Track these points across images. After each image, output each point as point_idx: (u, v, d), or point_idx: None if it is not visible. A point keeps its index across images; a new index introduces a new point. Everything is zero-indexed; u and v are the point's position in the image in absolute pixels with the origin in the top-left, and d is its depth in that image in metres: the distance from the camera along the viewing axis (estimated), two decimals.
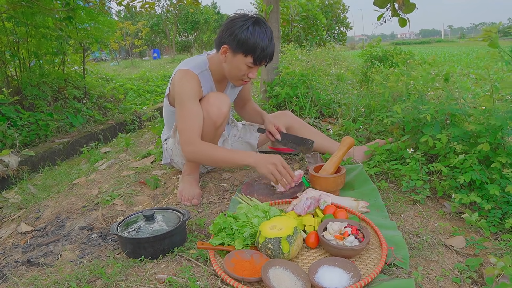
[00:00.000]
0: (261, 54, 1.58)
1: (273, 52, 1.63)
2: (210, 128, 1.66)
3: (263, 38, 1.56)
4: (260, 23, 1.58)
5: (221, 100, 1.65)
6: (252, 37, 1.55)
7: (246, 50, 1.57)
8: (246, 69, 1.63)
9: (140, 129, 4.67)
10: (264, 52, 1.58)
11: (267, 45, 1.58)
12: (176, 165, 2.01)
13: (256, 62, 1.60)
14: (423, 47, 21.39)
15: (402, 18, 2.47)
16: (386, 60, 4.52)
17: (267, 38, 1.57)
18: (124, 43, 15.81)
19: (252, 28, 1.55)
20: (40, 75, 4.07)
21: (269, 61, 1.65)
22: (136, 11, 3.91)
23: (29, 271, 1.34)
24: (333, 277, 1.10)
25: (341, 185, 1.69)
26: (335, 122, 2.71)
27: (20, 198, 2.11)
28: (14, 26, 3.81)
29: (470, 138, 1.64)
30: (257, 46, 1.56)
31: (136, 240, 1.30)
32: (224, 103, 1.65)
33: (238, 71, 1.64)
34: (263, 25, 1.59)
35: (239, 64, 1.61)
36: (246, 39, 1.55)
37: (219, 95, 1.67)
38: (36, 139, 3.64)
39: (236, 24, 1.56)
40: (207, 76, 1.75)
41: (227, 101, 1.66)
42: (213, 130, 1.67)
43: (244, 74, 1.65)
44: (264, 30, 1.58)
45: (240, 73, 1.64)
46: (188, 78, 1.66)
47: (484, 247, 1.30)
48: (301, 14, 7.76)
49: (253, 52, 1.57)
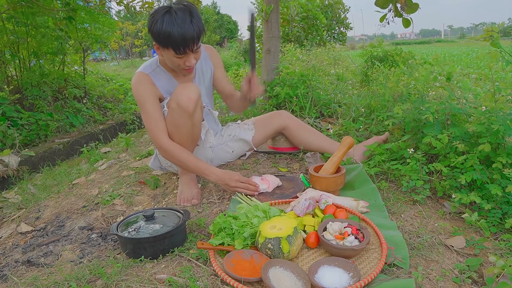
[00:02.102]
0: (177, 42, 1.51)
1: (193, 36, 1.52)
2: (184, 118, 1.62)
3: (173, 27, 1.48)
4: (171, 12, 1.50)
5: (189, 88, 1.62)
6: (162, 29, 1.49)
7: (164, 43, 1.54)
8: (177, 60, 1.59)
9: (140, 129, 4.67)
10: (178, 40, 1.50)
11: (179, 32, 1.48)
12: (171, 168, 2.00)
13: (177, 52, 1.54)
14: (423, 47, 21.39)
15: (405, 19, 2.46)
16: (387, 60, 4.52)
17: (177, 25, 1.48)
18: (124, 43, 15.82)
19: (161, 19, 1.49)
20: (40, 75, 4.07)
21: (194, 46, 1.55)
22: (135, 11, 3.91)
23: (29, 271, 1.34)
24: (333, 277, 1.10)
25: (341, 185, 1.69)
26: (335, 122, 2.71)
27: (20, 198, 2.11)
28: (14, 26, 3.81)
29: (470, 138, 1.64)
30: (169, 36, 1.49)
31: (136, 240, 1.30)
32: (192, 91, 1.61)
33: (172, 62, 1.62)
34: (173, 12, 1.49)
35: (169, 57, 1.60)
36: (158, 32, 1.50)
37: (185, 85, 1.66)
38: (36, 139, 3.64)
39: (150, 20, 1.54)
40: (160, 72, 1.76)
41: (194, 88, 1.63)
42: (187, 119, 1.63)
43: (179, 64, 1.62)
44: (174, 17, 1.48)
45: (175, 64, 1.62)
46: (139, 80, 1.70)
47: (484, 247, 1.30)
48: (301, 14, 7.75)
49: (170, 44, 1.52)
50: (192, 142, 1.75)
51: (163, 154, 1.71)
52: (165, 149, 1.67)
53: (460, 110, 1.68)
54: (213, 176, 1.69)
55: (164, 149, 1.67)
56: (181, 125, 1.65)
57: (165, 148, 1.66)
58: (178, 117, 1.62)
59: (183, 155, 1.67)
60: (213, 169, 1.71)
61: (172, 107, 1.62)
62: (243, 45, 11.40)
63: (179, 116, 1.62)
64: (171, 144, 1.67)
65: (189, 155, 1.69)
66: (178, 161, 1.69)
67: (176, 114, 1.62)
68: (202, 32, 1.56)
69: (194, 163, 1.69)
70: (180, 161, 1.68)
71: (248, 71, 1.71)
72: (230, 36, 29.48)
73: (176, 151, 1.66)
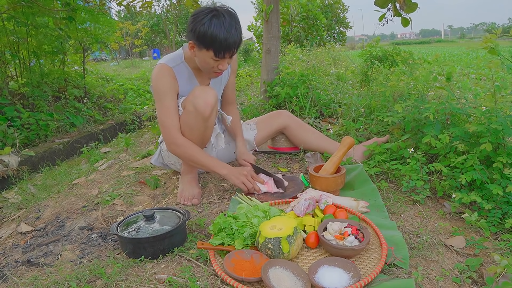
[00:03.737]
0: (220, 46, 1.54)
1: (236, 42, 1.57)
2: (199, 121, 1.64)
3: (220, 30, 1.51)
4: (218, 15, 1.53)
5: (207, 92, 1.64)
6: (209, 31, 1.50)
7: (206, 45, 1.55)
8: (213, 62, 1.61)
9: (140, 129, 4.67)
10: (223, 44, 1.53)
11: (225, 37, 1.52)
12: (174, 166, 2.00)
13: (218, 55, 1.57)
14: (423, 47, 21.39)
15: (404, 18, 2.46)
16: (386, 60, 4.51)
17: (224, 29, 1.51)
18: (124, 43, 15.81)
19: (209, 21, 1.51)
20: (40, 75, 4.08)
21: (234, 52, 1.60)
22: (135, 11, 3.91)
23: (29, 271, 1.34)
24: (333, 277, 1.10)
25: (341, 185, 1.69)
26: (335, 122, 2.71)
27: (20, 198, 2.11)
28: (14, 26, 3.81)
29: (470, 138, 1.64)
30: (215, 39, 1.51)
31: (136, 240, 1.30)
32: (210, 95, 1.63)
33: (206, 64, 1.63)
34: (221, 16, 1.53)
35: (205, 58, 1.60)
36: (204, 33, 1.51)
37: (204, 88, 1.67)
38: (36, 139, 3.64)
39: (195, 19, 1.55)
40: (184, 68, 1.76)
41: (213, 93, 1.65)
42: (202, 122, 1.65)
43: (213, 66, 1.63)
44: (222, 21, 1.52)
45: (209, 66, 1.63)
46: (162, 73, 1.69)
47: (484, 247, 1.30)
48: (301, 14, 7.75)
49: (213, 46, 1.54)
50: (202, 144, 1.77)
51: (174, 149, 1.70)
52: (178, 144, 1.67)
53: (460, 110, 1.68)
54: (224, 170, 1.71)
55: (177, 144, 1.67)
56: (194, 127, 1.66)
57: (179, 143, 1.67)
58: (193, 119, 1.64)
59: (195, 151, 1.68)
60: (223, 164, 1.74)
61: (188, 109, 1.64)
62: (243, 45, 11.43)
63: (194, 119, 1.64)
64: (184, 140, 1.68)
65: (200, 151, 1.71)
66: (189, 156, 1.69)
67: (191, 116, 1.64)
68: (242, 40, 1.61)
69: (205, 158, 1.70)
70: (192, 156, 1.69)
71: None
72: None
73: (189, 147, 1.68)
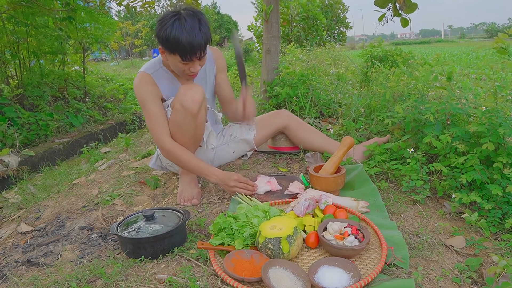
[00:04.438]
0: (185, 50, 1.51)
1: (201, 45, 1.52)
2: (188, 119, 1.63)
3: (182, 34, 1.48)
4: (180, 18, 1.50)
5: (193, 89, 1.63)
6: (171, 35, 1.48)
7: (171, 49, 1.54)
8: (182, 66, 1.59)
9: (140, 129, 4.67)
10: (187, 48, 1.50)
11: (188, 40, 1.48)
12: (172, 168, 2.00)
13: (184, 59, 1.55)
14: (423, 47, 21.38)
15: (404, 18, 2.46)
16: (387, 60, 4.51)
17: (186, 33, 1.48)
18: (124, 43, 15.82)
19: (171, 26, 1.49)
20: (40, 75, 4.08)
21: (201, 54, 1.56)
22: (136, 12, 3.91)
23: (29, 271, 1.34)
24: (333, 277, 1.10)
25: (341, 185, 1.69)
26: (335, 122, 2.71)
27: (20, 198, 2.11)
28: (14, 26, 3.81)
29: (471, 138, 1.64)
30: (178, 43, 1.49)
31: (136, 240, 1.30)
32: (197, 92, 1.62)
33: (177, 68, 1.63)
34: (183, 19, 1.50)
35: (174, 62, 1.60)
36: (167, 38, 1.50)
37: (190, 86, 1.66)
38: (36, 139, 3.64)
39: (159, 24, 1.54)
40: (163, 73, 1.76)
41: (199, 90, 1.63)
42: (191, 120, 1.63)
43: (183, 70, 1.62)
44: (184, 25, 1.48)
45: (180, 69, 1.63)
46: (142, 80, 1.70)
47: (484, 247, 1.30)
48: (301, 14, 7.75)
49: (177, 50, 1.52)
50: (195, 143, 1.76)
51: (165, 154, 1.71)
52: (167, 149, 1.67)
53: (461, 110, 1.68)
54: (214, 177, 1.70)
55: (166, 150, 1.68)
56: (184, 125, 1.65)
57: (167, 149, 1.67)
58: (182, 117, 1.62)
59: (184, 156, 1.68)
60: (213, 170, 1.71)
61: (176, 108, 1.62)
62: (243, 45, 11.43)
63: (183, 117, 1.62)
64: (173, 144, 1.67)
65: (190, 156, 1.69)
66: (179, 162, 1.70)
67: (180, 115, 1.62)
68: (209, 40, 1.57)
69: (195, 164, 1.69)
70: (181, 161, 1.69)
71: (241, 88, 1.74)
72: (230, 36, 29.48)
73: (178, 151, 1.67)
